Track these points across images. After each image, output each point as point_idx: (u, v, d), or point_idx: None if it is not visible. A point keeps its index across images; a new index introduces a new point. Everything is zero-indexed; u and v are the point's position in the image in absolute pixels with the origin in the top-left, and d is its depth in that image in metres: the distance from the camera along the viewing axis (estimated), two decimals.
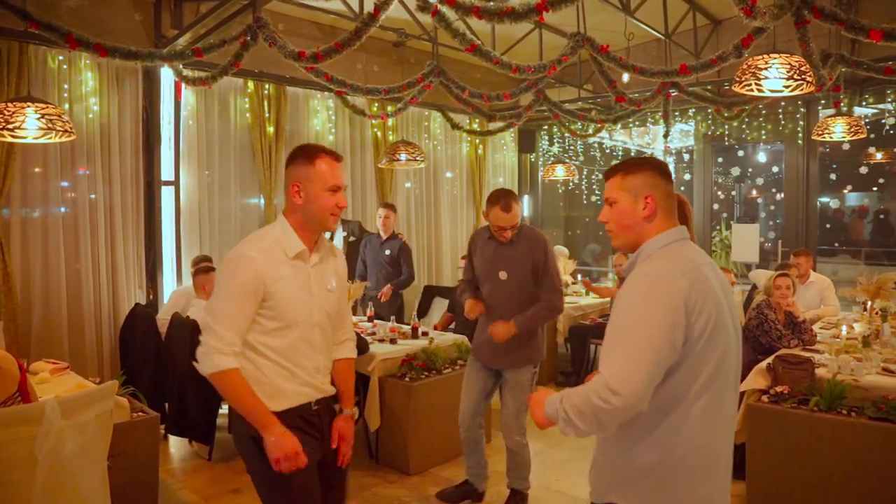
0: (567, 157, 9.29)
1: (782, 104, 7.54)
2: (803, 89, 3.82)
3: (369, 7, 4.53)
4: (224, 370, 2.08)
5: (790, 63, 3.67)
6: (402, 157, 5.88)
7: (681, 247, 1.83)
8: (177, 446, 4.93)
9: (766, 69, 3.67)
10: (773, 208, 12.06)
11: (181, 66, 5.48)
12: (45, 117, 3.63)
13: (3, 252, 4.77)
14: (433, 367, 4.60)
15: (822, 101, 7.29)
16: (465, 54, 4.26)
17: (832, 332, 4.95)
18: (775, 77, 3.68)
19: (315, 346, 2.28)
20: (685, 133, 9.39)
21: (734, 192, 12.81)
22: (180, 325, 4.67)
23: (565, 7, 3.30)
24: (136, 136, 5.51)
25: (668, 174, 1.89)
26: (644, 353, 1.64)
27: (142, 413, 3.70)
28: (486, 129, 8.28)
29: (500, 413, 3.86)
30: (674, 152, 10.14)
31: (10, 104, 3.64)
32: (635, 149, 10.66)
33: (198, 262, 5.36)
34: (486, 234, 3.74)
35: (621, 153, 10.15)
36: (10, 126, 3.60)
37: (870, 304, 5.10)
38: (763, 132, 7.88)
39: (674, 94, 6.32)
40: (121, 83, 5.39)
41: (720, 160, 10.02)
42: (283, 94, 6.43)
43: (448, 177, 8.46)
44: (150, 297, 5.64)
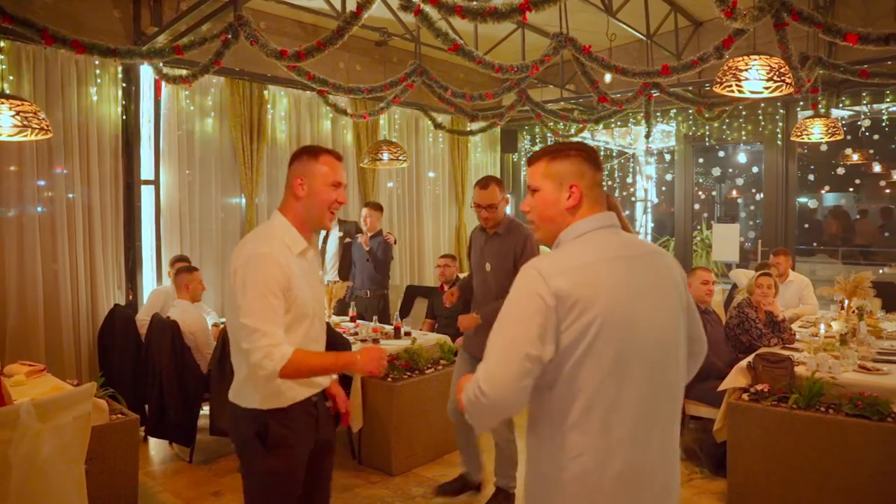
0: None
1: (762, 105, 7.64)
2: (782, 91, 3.86)
3: (352, 6, 4.51)
4: (291, 357, 2.10)
5: (770, 65, 3.71)
6: (385, 156, 5.86)
7: (596, 236, 1.64)
8: (157, 448, 4.87)
9: (746, 70, 3.71)
10: (752, 208, 12.22)
11: (161, 64, 5.42)
12: (20, 114, 3.57)
13: None
14: (416, 367, 4.59)
15: (801, 103, 7.40)
16: (448, 54, 4.25)
17: (811, 330, 5.02)
18: (755, 78, 3.72)
19: (318, 338, 2.37)
20: (666, 133, 9.48)
21: (715, 192, 12.97)
22: (160, 325, 4.61)
23: (548, 7, 3.32)
24: (116, 134, 5.44)
25: (597, 161, 1.71)
26: (509, 353, 1.52)
27: (121, 415, 3.65)
28: (468, 129, 8.28)
29: None
30: (655, 152, 10.24)
31: None
32: (617, 149, 10.73)
33: (175, 262, 5.31)
34: (479, 227, 3.84)
35: (603, 153, 10.21)
36: None
37: (847, 302, 5.17)
38: (743, 133, 7.98)
39: (655, 95, 6.37)
40: (99, 80, 5.31)
41: (701, 160, 10.12)
42: (265, 92, 6.38)
43: (430, 176, 8.45)
44: (130, 297, 5.57)
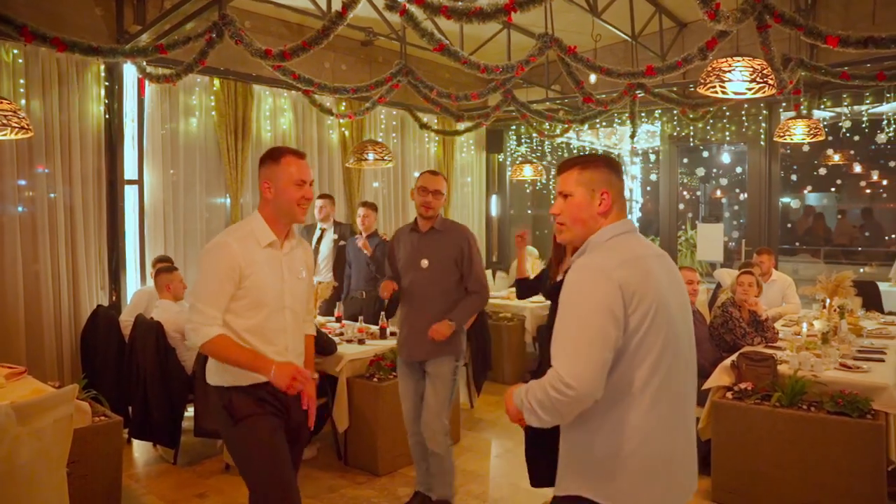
0: (535, 157, 9.35)
1: (745, 106, 7.71)
2: (765, 92, 3.90)
3: (337, 5, 4.49)
4: (212, 338, 2.35)
5: (753, 66, 3.75)
6: (370, 156, 5.84)
7: (625, 239, 1.84)
8: (141, 450, 4.83)
9: (729, 72, 3.74)
10: (736, 208, 12.33)
11: (144, 63, 5.37)
12: (0, 113, 3.52)
13: None
14: None
15: (784, 104, 7.48)
16: (434, 54, 4.25)
17: (793, 329, 5.07)
18: (738, 80, 3.75)
19: (286, 328, 2.53)
20: (651, 134, 9.53)
21: (699, 192, 13.07)
22: (144, 326, 4.57)
23: (533, 8, 3.32)
24: (98, 133, 5.37)
25: (621, 172, 1.92)
26: (590, 342, 1.66)
27: (104, 417, 3.61)
28: (453, 129, 8.29)
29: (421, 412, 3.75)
30: (640, 153, 10.29)
31: None
32: (602, 149, 10.78)
33: (157, 263, 5.27)
34: (408, 228, 3.77)
35: (589, 153, 10.24)
36: None
37: (828, 301, 5.23)
38: (727, 133, 8.05)
39: (640, 96, 6.41)
40: (81, 79, 5.25)
41: (685, 161, 10.20)
42: (250, 92, 6.34)
43: (416, 176, 8.43)
44: (113, 298, 5.51)
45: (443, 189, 3.64)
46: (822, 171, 8.86)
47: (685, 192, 11.69)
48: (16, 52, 4.86)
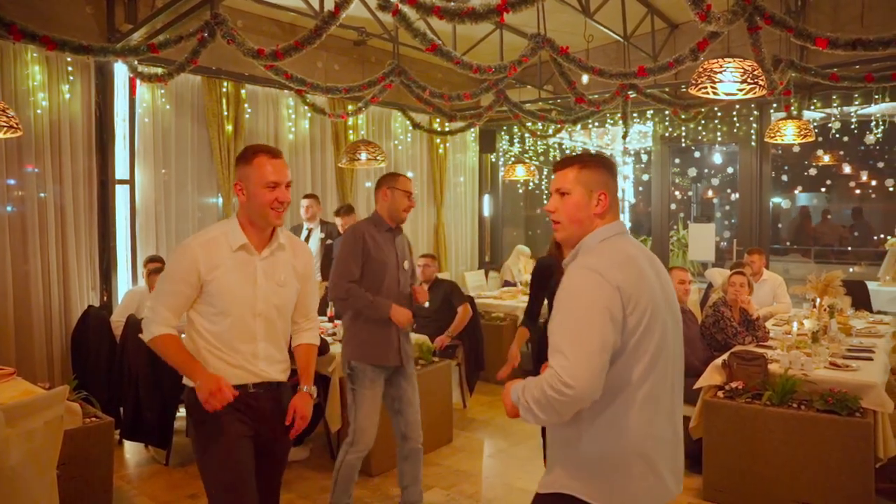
0: (527, 156, 9.38)
1: (737, 107, 7.76)
2: (756, 93, 3.93)
3: (330, 5, 4.48)
4: (157, 336, 2.33)
5: (744, 67, 3.77)
6: (363, 156, 5.84)
7: (619, 240, 1.86)
8: (132, 451, 4.81)
9: (720, 72, 3.76)
10: (727, 208, 12.40)
11: (136, 62, 5.34)
12: None
13: None
14: None
15: (774, 105, 7.53)
16: (427, 54, 4.25)
17: (784, 328, 5.11)
18: (730, 80, 3.77)
19: (256, 335, 2.40)
20: (643, 134, 9.57)
21: (691, 193, 13.13)
22: (136, 326, 4.54)
23: (525, 8, 3.33)
24: (89, 133, 5.34)
25: (615, 172, 1.95)
26: (589, 343, 1.67)
27: (95, 418, 3.60)
28: (446, 129, 8.29)
29: (400, 415, 3.57)
30: (632, 153, 10.33)
31: None
32: (594, 149, 10.81)
33: (148, 263, 5.25)
34: (373, 227, 3.49)
35: (583, 152, 10.26)
36: None
37: (818, 300, 5.27)
38: (718, 134, 8.09)
39: (632, 96, 6.43)
40: (72, 78, 5.22)
41: (677, 161, 10.24)
42: (242, 91, 6.32)
43: (409, 176, 8.42)
44: (105, 298, 5.48)
45: None
46: (813, 171, 8.92)
47: (677, 193, 11.74)
48: (5, 49, 4.82)
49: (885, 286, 7.37)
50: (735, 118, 7.94)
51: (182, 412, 4.58)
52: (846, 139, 7.96)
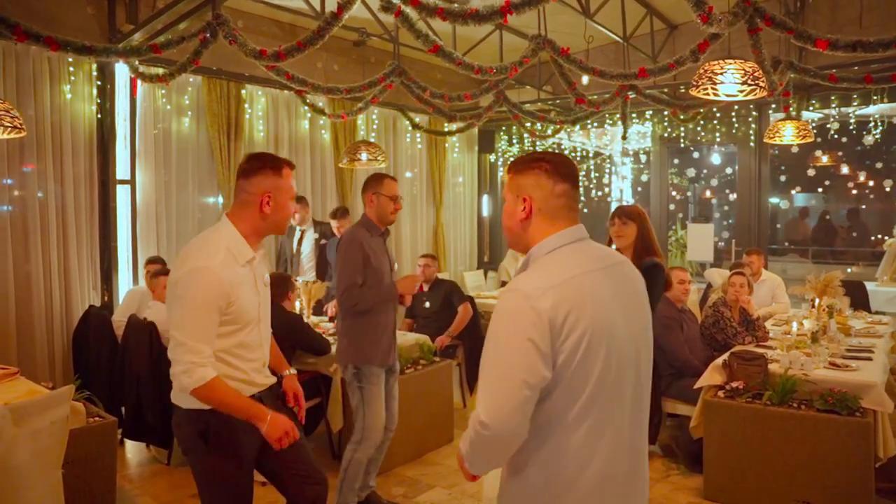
0: None
1: (736, 108, 7.78)
2: (756, 94, 3.95)
3: (331, 5, 4.49)
4: (208, 381, 2.13)
5: (744, 69, 3.79)
6: (363, 156, 5.85)
7: (566, 252, 1.65)
8: (133, 451, 4.81)
9: (721, 74, 3.78)
10: (726, 208, 12.44)
11: (136, 63, 5.35)
12: None
13: None
14: None
15: (773, 106, 7.56)
16: (426, 54, 4.26)
17: (783, 328, 5.13)
18: (730, 82, 3.79)
19: (261, 340, 2.41)
20: (642, 134, 9.60)
21: (689, 193, 13.16)
22: (137, 326, 4.56)
23: (529, 10, 3.34)
24: (90, 133, 5.34)
25: (562, 172, 1.69)
26: (507, 380, 1.50)
27: (98, 418, 3.60)
28: (446, 130, 8.30)
29: (386, 409, 3.65)
30: (631, 153, 10.35)
31: None
32: (593, 149, 10.83)
33: (150, 264, 5.24)
34: (366, 232, 3.53)
35: (580, 154, 10.29)
36: None
37: (817, 301, 5.30)
38: (717, 135, 8.11)
39: (632, 97, 6.45)
40: (73, 78, 5.22)
41: (676, 161, 10.27)
42: (242, 92, 6.33)
43: (408, 177, 8.45)
44: (105, 298, 5.48)
45: None
46: (811, 171, 8.96)
47: (675, 193, 11.77)
48: (6, 50, 4.82)
49: (883, 286, 7.40)
50: (734, 119, 7.97)
51: None
52: (845, 140, 7.99)
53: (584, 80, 6.79)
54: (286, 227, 2.43)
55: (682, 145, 8.80)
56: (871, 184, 12.03)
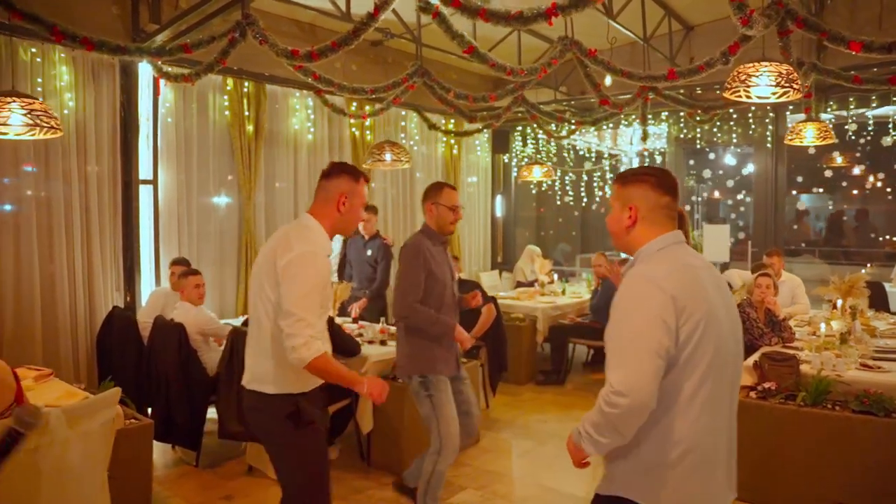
0: (539, 157, 9.38)
1: (752, 109, 7.77)
2: (790, 96, 3.95)
3: (356, 6, 4.47)
4: (322, 353, 2.38)
5: (779, 71, 3.79)
6: (388, 157, 5.83)
7: (675, 250, 1.90)
8: (159, 452, 4.78)
9: (756, 76, 3.78)
10: (742, 209, 12.43)
11: (160, 63, 5.33)
12: (32, 113, 3.49)
13: None
14: None
15: (791, 107, 7.55)
16: (442, 54, 4.27)
17: (807, 329, 5.13)
18: (765, 84, 3.79)
19: (326, 334, 2.65)
20: (657, 136, 9.59)
21: (705, 194, 13.15)
22: (164, 328, 4.55)
23: (575, 12, 3.33)
24: (114, 133, 5.33)
25: (664, 185, 1.93)
26: (642, 351, 1.70)
27: (134, 420, 3.59)
28: (463, 130, 8.29)
29: (469, 416, 3.64)
30: (647, 154, 10.33)
31: None
32: (606, 151, 10.82)
33: (175, 265, 5.23)
34: (427, 241, 3.50)
35: (594, 155, 10.27)
36: None
37: (840, 302, 5.30)
38: (734, 136, 8.11)
39: (651, 98, 6.45)
40: (97, 78, 5.20)
41: (692, 162, 10.25)
42: (263, 92, 6.32)
43: (419, 177, 8.42)
44: (128, 299, 5.47)
45: None
46: (828, 173, 8.96)
47: (691, 194, 11.75)
48: (33, 50, 4.82)
49: None
50: (750, 120, 7.96)
51: (211, 413, 4.57)
52: (862, 141, 7.99)
53: (608, 80, 6.79)
54: (354, 229, 2.72)
55: (697, 146, 8.80)
56: (880, 185, 12.01)
